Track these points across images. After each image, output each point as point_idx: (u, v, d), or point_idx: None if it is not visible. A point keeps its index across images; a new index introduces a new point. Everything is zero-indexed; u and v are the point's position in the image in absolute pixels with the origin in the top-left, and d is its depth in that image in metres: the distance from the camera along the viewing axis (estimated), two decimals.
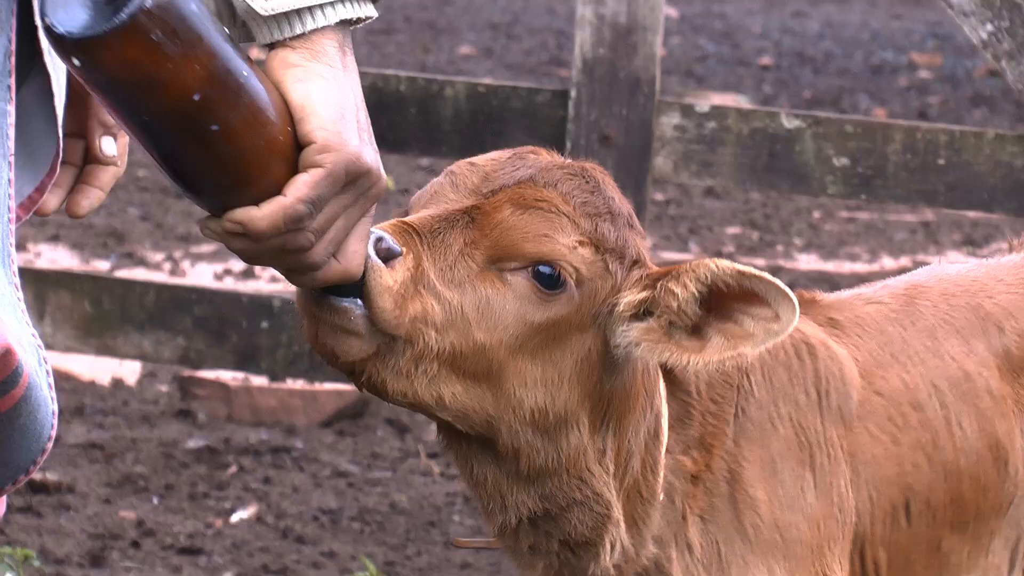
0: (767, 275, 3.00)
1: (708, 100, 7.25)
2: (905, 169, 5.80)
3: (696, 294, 2.95)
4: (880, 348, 3.31)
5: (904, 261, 11.10)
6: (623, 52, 5.28)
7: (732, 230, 14.32)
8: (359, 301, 2.82)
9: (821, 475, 3.29)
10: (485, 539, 3.35)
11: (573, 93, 5.39)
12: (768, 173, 5.88)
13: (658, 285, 2.99)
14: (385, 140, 5.89)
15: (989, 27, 5.16)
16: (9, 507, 6.42)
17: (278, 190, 2.60)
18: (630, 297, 3.01)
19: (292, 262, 2.72)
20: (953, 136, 5.89)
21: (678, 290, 2.94)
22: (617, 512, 3.09)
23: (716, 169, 5.66)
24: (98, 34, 2.42)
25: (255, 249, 2.68)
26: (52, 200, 2.97)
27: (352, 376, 3.01)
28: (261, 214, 2.60)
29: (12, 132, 2.66)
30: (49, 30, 2.48)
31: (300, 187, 2.60)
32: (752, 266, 3.29)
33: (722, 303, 2.95)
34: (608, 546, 3.10)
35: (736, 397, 3.36)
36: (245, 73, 2.58)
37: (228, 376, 8.24)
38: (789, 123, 5.62)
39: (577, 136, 5.31)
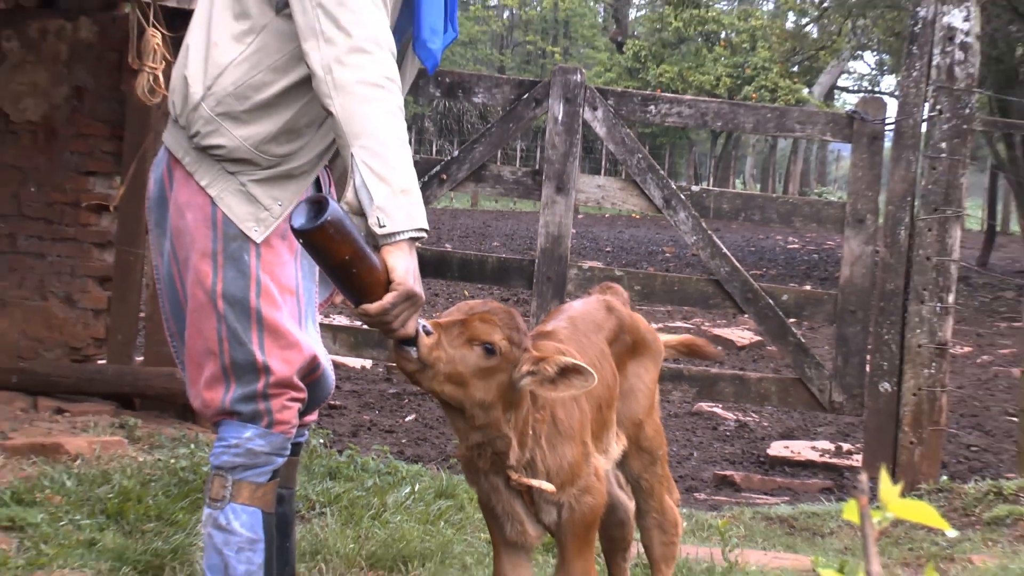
0: (582, 363, 3.00)
1: (587, 264, 7.76)
2: (664, 289, 5.90)
3: (555, 370, 2.93)
4: (579, 348, 3.31)
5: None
6: (555, 245, 5.71)
7: None
8: (413, 349, 2.82)
9: (580, 402, 3.23)
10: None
11: (537, 261, 5.77)
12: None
13: (540, 363, 2.96)
14: (464, 276, 6.45)
15: (694, 237, 5.73)
16: (325, 415, 6.62)
17: (380, 298, 2.67)
18: (527, 367, 2.95)
19: (384, 329, 2.75)
20: (681, 279, 6.21)
21: (548, 368, 2.93)
22: (515, 443, 3.03)
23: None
24: (307, 228, 2.62)
25: (370, 322, 2.74)
26: (339, 298, 3.17)
27: (408, 379, 2.98)
28: (372, 308, 2.67)
29: (317, 272, 3.04)
30: (290, 225, 2.70)
31: (388, 298, 2.66)
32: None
33: (565, 371, 2.93)
34: (512, 455, 3.03)
35: None
36: (369, 251, 2.68)
37: None
38: (619, 272, 5.94)
39: (539, 278, 5.69)
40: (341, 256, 2.64)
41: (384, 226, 2.66)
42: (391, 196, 2.66)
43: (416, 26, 2.90)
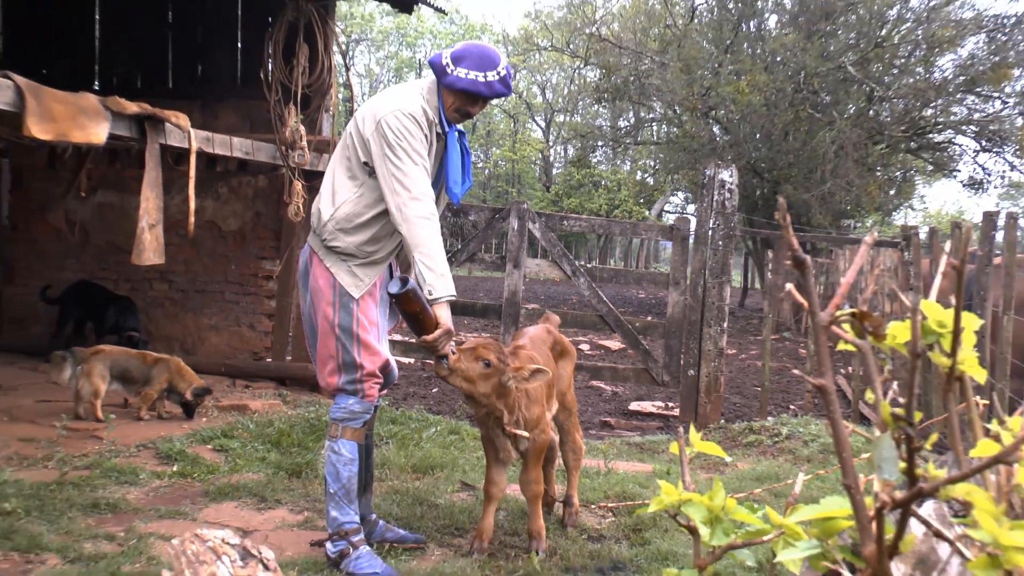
0: (543, 367, 2.85)
1: (530, 306, 7.60)
2: (572, 320, 5.66)
3: (529, 373, 2.80)
4: (537, 352, 3.09)
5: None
6: (513, 296, 5.58)
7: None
8: (446, 362, 2.69)
9: (540, 384, 2.91)
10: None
11: (503, 304, 5.73)
12: (532, 321, 6.06)
13: (519, 371, 2.81)
14: (463, 313, 6.19)
15: (588, 292, 5.57)
16: (396, 386, 6.85)
17: (432, 333, 2.61)
18: (510, 374, 2.79)
19: (432, 350, 2.66)
20: (582, 315, 5.97)
21: (525, 373, 2.80)
22: (507, 412, 2.85)
23: (532, 323, 5.34)
24: (398, 294, 2.55)
25: (425, 346, 2.65)
26: (399, 325, 3.13)
27: (443, 379, 2.80)
28: (429, 338, 2.62)
29: (387, 311, 2.96)
30: (388, 292, 2.67)
31: (437, 333, 2.62)
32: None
33: (534, 372, 2.79)
34: (505, 418, 2.86)
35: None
36: (429, 307, 2.60)
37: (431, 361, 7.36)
38: (548, 311, 6.17)
39: (504, 314, 5.57)
40: (414, 309, 2.59)
41: (432, 294, 2.61)
42: (436, 278, 2.62)
43: (446, 180, 2.88)
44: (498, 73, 2.76)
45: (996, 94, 14.01)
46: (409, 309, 2.59)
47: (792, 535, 0.83)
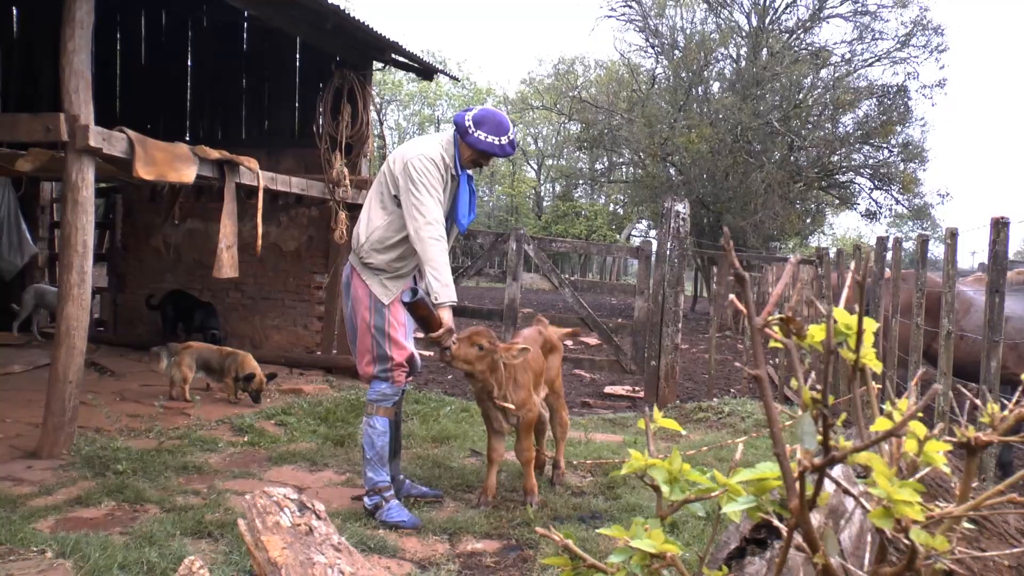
0: (525, 346, 2.72)
1: (526, 310, 7.30)
2: (559, 321, 5.40)
3: (516, 351, 2.70)
4: (532, 352, 2.87)
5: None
6: (512, 303, 5.40)
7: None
8: (448, 351, 2.60)
9: (528, 372, 2.86)
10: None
11: (504, 309, 5.53)
12: (527, 322, 5.38)
13: (508, 351, 2.72)
14: (473, 316, 6.08)
15: (571, 299, 5.47)
16: (419, 374, 6.27)
17: (436, 331, 2.53)
18: (501, 353, 2.69)
19: (437, 343, 2.58)
20: (567, 317, 5.73)
21: (514, 350, 2.72)
22: (498, 387, 2.74)
23: (527, 324, 5.12)
24: (410, 302, 2.49)
25: (431, 339, 2.57)
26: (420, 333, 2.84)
27: (447, 364, 2.70)
28: (434, 335, 2.54)
29: (410, 322, 2.78)
30: (402, 300, 2.58)
31: (440, 331, 2.54)
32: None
33: (519, 351, 2.69)
34: (495, 393, 2.75)
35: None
36: (435, 310, 2.52)
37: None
38: (540, 315, 5.59)
39: (505, 317, 5.41)
40: (423, 313, 2.55)
41: (438, 300, 2.57)
42: (441, 287, 2.58)
43: (455, 213, 2.85)
44: (508, 137, 2.75)
45: (884, 145, 14.53)
46: (419, 313, 2.54)
47: (734, 492, 0.84)
